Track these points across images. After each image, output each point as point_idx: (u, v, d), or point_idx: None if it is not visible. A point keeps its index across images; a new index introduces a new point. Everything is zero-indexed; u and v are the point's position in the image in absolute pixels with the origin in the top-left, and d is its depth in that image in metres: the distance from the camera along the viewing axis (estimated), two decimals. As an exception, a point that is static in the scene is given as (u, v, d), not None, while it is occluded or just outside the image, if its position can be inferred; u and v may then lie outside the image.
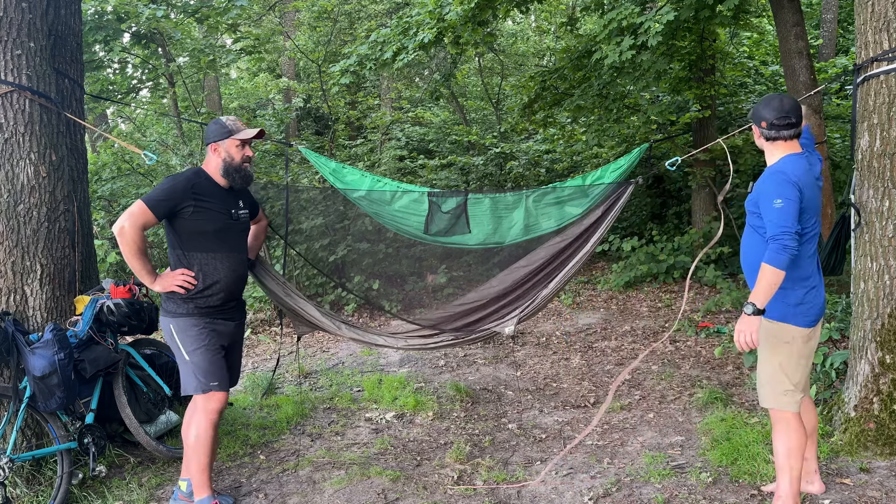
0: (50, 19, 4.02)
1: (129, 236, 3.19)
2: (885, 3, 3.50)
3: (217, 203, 3.40)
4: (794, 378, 2.96)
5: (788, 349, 2.95)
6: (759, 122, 2.98)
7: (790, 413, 2.97)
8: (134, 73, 9.26)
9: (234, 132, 3.42)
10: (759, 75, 10.37)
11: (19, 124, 3.64)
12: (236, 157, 3.43)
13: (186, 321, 3.36)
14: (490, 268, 8.48)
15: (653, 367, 5.65)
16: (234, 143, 3.42)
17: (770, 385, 3.00)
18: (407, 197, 4.30)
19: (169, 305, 3.39)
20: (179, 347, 3.36)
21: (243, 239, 3.62)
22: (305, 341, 7.02)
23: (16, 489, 3.52)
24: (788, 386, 2.96)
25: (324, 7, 12.29)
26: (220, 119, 3.48)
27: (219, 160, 3.42)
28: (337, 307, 8.30)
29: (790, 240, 2.77)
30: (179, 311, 3.36)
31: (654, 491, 3.46)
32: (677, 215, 10.16)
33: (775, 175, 2.88)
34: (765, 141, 3.02)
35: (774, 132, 2.95)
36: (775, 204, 2.80)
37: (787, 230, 2.77)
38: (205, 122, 6.14)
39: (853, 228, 3.85)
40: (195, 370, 3.34)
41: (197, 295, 3.36)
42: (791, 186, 2.82)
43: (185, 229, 3.34)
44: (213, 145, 3.43)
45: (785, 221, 2.78)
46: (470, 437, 4.39)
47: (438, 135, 12.87)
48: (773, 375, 2.99)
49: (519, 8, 7.46)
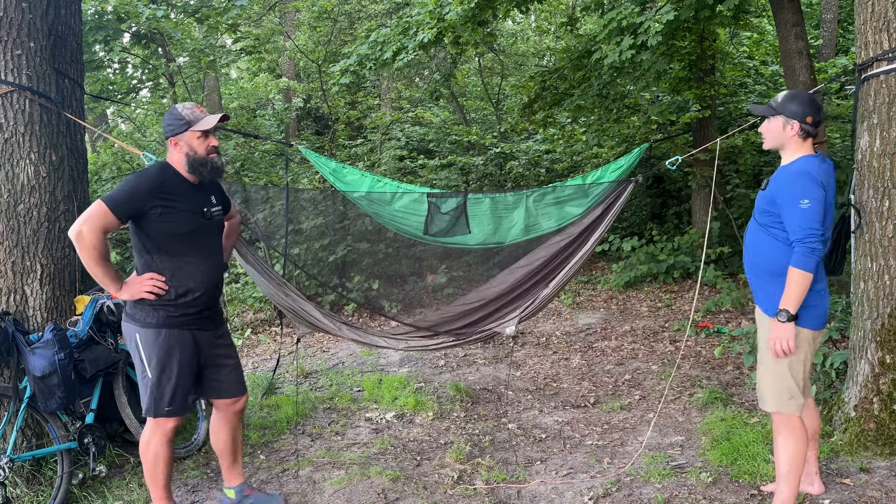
0: (50, 19, 4.02)
1: (89, 241, 2.84)
2: (885, 3, 3.50)
3: (187, 202, 3.05)
4: (799, 381, 2.92)
5: (796, 351, 2.89)
6: (804, 119, 2.89)
7: (795, 417, 2.93)
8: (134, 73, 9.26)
9: (192, 123, 3.04)
10: (759, 75, 10.37)
11: (19, 124, 3.63)
12: (199, 150, 3.06)
13: (155, 333, 3.02)
14: (490, 268, 8.48)
15: (653, 367, 5.65)
16: (195, 135, 3.04)
17: (774, 389, 2.95)
18: (407, 197, 4.30)
19: (136, 312, 3.04)
20: (143, 361, 3.04)
21: (219, 239, 3.29)
22: (305, 341, 7.02)
23: (16, 489, 3.52)
24: (794, 389, 2.91)
25: (324, 7, 12.29)
26: (175, 109, 3.09)
27: (181, 155, 3.06)
28: (337, 307, 8.30)
29: (817, 242, 2.75)
30: (148, 321, 3.02)
31: (654, 491, 3.46)
32: (677, 215, 10.16)
33: (803, 176, 2.82)
34: (799, 138, 2.93)
35: (813, 130, 2.90)
36: (802, 205, 2.76)
37: (813, 232, 2.75)
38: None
39: (853, 229, 3.85)
40: (154, 390, 3.04)
41: (169, 303, 3.03)
42: (819, 187, 2.79)
43: (154, 231, 2.99)
44: (172, 140, 3.06)
45: (812, 223, 2.75)
46: (470, 437, 4.39)
47: (438, 135, 12.87)
48: (778, 379, 2.93)
49: (519, 8, 7.46)
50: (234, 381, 3.35)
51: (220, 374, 3.30)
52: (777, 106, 2.96)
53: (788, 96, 2.96)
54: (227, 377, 3.33)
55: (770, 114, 2.99)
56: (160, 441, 3.13)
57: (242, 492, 3.47)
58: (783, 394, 2.92)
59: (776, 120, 2.96)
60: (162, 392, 3.05)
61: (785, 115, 2.93)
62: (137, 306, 3.04)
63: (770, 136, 3.02)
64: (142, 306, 3.03)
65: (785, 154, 3.01)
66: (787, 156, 2.99)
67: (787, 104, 2.94)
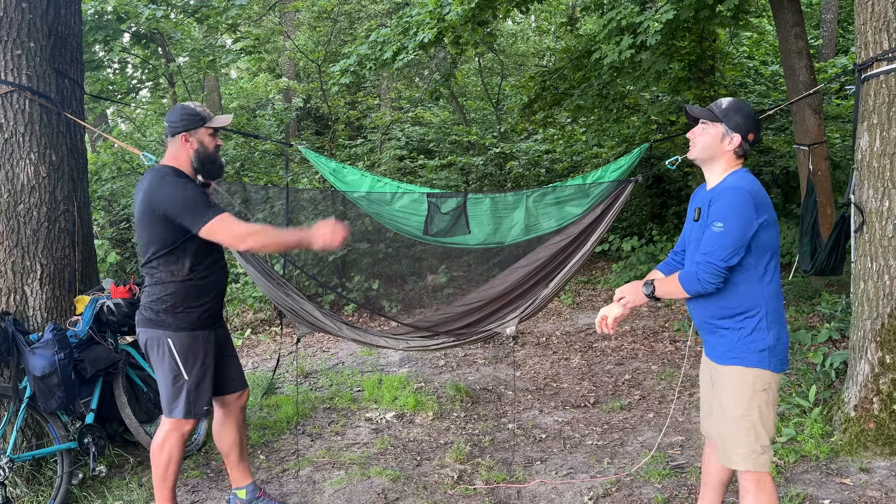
0: (50, 19, 4.02)
1: (254, 243, 2.96)
2: (885, 3, 3.51)
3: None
4: (770, 431, 2.53)
5: (766, 397, 2.50)
6: (747, 135, 2.52)
7: (767, 475, 2.53)
8: (134, 73, 9.26)
9: (206, 119, 3.09)
10: (759, 75, 10.37)
11: (19, 124, 3.63)
12: (210, 147, 3.10)
13: (192, 336, 3.04)
14: (490, 268, 8.49)
15: (653, 367, 5.66)
16: (208, 132, 3.08)
17: (745, 444, 2.50)
18: (407, 197, 4.30)
19: (166, 317, 3.02)
20: (178, 364, 3.03)
21: None
22: (305, 341, 7.02)
23: (16, 489, 3.52)
24: (765, 441, 2.51)
25: (324, 7, 12.30)
26: (186, 106, 3.11)
27: (190, 151, 3.06)
28: (337, 307, 8.30)
29: (711, 274, 2.48)
30: (181, 325, 3.02)
31: (654, 491, 3.46)
32: (677, 215, 10.16)
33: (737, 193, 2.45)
34: (734, 156, 2.54)
35: (749, 150, 2.57)
36: (715, 227, 2.43)
37: (714, 261, 2.45)
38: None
39: (854, 230, 3.85)
40: (192, 391, 3.04)
41: (203, 304, 3.07)
42: (750, 212, 2.45)
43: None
44: (184, 135, 3.05)
45: (718, 251, 2.45)
46: (470, 437, 4.39)
47: (438, 135, 12.87)
48: (749, 431, 2.49)
49: (519, 8, 7.46)
50: (239, 374, 3.39)
51: (227, 368, 3.34)
52: (720, 113, 2.53)
53: (734, 106, 2.54)
54: (233, 370, 3.36)
55: (710, 119, 2.56)
56: (177, 442, 3.11)
57: (254, 492, 3.41)
58: (754, 449, 2.50)
59: (715, 128, 2.54)
60: (199, 393, 3.07)
61: (727, 126, 2.52)
62: (168, 311, 3.02)
63: (702, 144, 2.57)
64: (173, 310, 3.02)
65: (713, 171, 2.58)
66: (716, 173, 2.57)
67: (731, 113, 2.52)
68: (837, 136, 9.09)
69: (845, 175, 8.31)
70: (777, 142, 9.57)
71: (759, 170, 9.22)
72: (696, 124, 2.63)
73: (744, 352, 2.49)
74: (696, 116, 2.61)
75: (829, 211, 6.00)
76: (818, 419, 3.91)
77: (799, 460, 3.64)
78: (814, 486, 3.36)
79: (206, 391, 3.11)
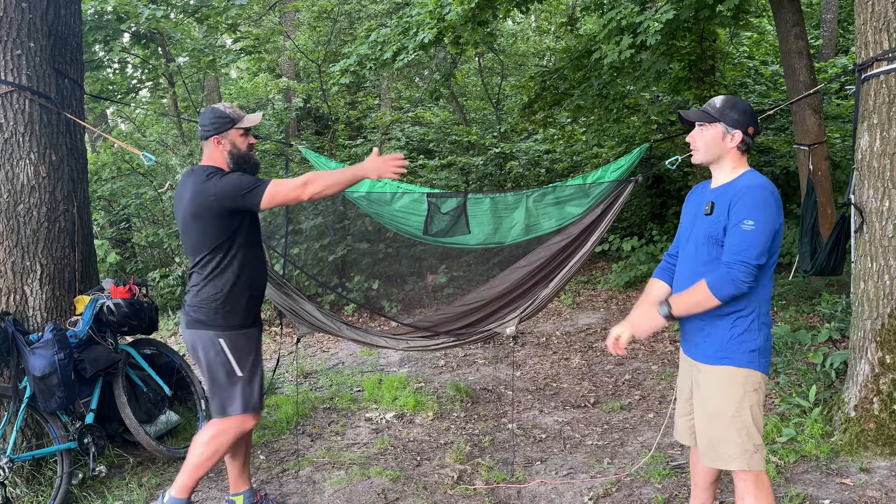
0: (50, 19, 4.02)
1: (311, 191, 2.95)
2: (885, 3, 3.51)
3: None
4: (761, 429, 2.54)
5: (757, 397, 2.51)
6: (746, 129, 2.53)
7: (763, 473, 2.54)
8: (134, 73, 9.26)
9: (236, 120, 3.10)
10: (759, 75, 10.38)
11: (19, 124, 3.63)
12: (242, 147, 3.12)
13: (242, 335, 3.08)
14: (490, 268, 8.50)
15: (653, 367, 5.66)
16: (239, 133, 3.11)
17: (738, 444, 2.50)
18: (407, 197, 4.30)
19: (216, 317, 3.03)
20: (232, 363, 3.05)
21: None
22: (305, 341, 7.02)
23: (16, 489, 3.52)
24: (758, 440, 2.51)
25: (324, 7, 12.29)
26: (216, 108, 3.13)
27: (224, 153, 3.09)
28: (337, 307, 8.30)
29: (745, 274, 2.43)
30: (233, 324, 3.05)
31: (654, 491, 3.46)
32: (677, 215, 10.11)
33: (761, 189, 2.46)
34: (739, 151, 2.55)
35: (751, 143, 2.57)
36: (745, 226, 2.41)
37: (747, 261, 2.42)
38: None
39: (854, 230, 3.85)
40: (246, 388, 3.08)
41: (251, 300, 3.12)
42: (776, 209, 2.48)
43: (246, 225, 3.07)
44: (215, 138, 3.07)
45: (749, 250, 2.41)
46: (470, 437, 4.39)
47: (438, 135, 12.87)
48: (741, 431, 2.50)
49: (519, 8, 7.46)
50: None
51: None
52: (715, 112, 2.53)
53: (729, 103, 2.54)
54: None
55: (707, 120, 2.55)
56: (233, 438, 3.10)
57: (252, 498, 3.38)
58: (747, 448, 2.49)
59: (714, 128, 2.54)
60: (252, 390, 3.11)
61: (725, 124, 2.52)
62: (218, 311, 3.03)
63: (704, 147, 2.57)
64: (223, 310, 3.03)
65: (721, 170, 2.58)
66: (725, 171, 2.57)
67: (727, 111, 2.52)
68: (837, 136, 9.09)
69: (845, 175, 8.31)
70: (777, 142, 9.57)
71: (759, 170, 9.19)
72: (693, 128, 2.62)
73: (735, 352, 2.48)
74: (691, 120, 2.60)
75: (830, 211, 6.00)
76: (818, 419, 3.91)
77: (799, 460, 3.65)
78: (814, 486, 3.36)
79: (259, 386, 3.15)
